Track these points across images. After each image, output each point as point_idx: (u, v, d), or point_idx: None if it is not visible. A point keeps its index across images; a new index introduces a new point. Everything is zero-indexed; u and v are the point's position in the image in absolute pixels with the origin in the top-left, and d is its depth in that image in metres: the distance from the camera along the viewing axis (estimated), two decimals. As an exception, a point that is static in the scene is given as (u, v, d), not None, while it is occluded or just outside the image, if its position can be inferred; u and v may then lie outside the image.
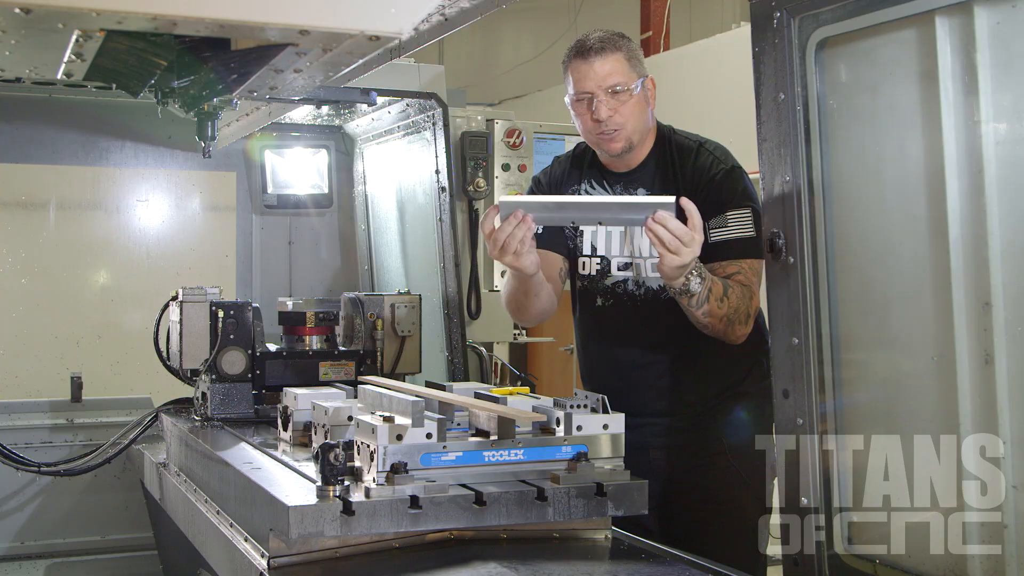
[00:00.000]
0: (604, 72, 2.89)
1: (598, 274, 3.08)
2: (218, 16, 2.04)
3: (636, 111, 2.93)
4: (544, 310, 3.07)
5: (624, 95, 2.90)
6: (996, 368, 1.84)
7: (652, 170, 3.02)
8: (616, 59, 2.89)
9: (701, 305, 2.74)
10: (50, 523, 4.37)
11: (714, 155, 2.97)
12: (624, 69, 2.90)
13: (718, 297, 2.76)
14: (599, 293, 3.09)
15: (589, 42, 2.91)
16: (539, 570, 2.27)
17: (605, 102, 2.90)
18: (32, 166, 4.70)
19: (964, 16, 1.86)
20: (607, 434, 2.52)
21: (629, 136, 2.95)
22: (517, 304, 3.02)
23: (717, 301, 2.77)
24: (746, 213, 2.88)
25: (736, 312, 2.80)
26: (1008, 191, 1.83)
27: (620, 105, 2.90)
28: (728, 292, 2.79)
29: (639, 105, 2.94)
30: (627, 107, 2.91)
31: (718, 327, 2.81)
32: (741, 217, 2.88)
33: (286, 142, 5.07)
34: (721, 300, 2.77)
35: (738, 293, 2.81)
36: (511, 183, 5.15)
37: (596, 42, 2.90)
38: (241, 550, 2.47)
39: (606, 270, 3.07)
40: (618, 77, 2.89)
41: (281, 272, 5.21)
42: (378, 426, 2.30)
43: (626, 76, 2.90)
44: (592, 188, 3.11)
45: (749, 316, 2.85)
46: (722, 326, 2.81)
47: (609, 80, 2.89)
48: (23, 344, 4.64)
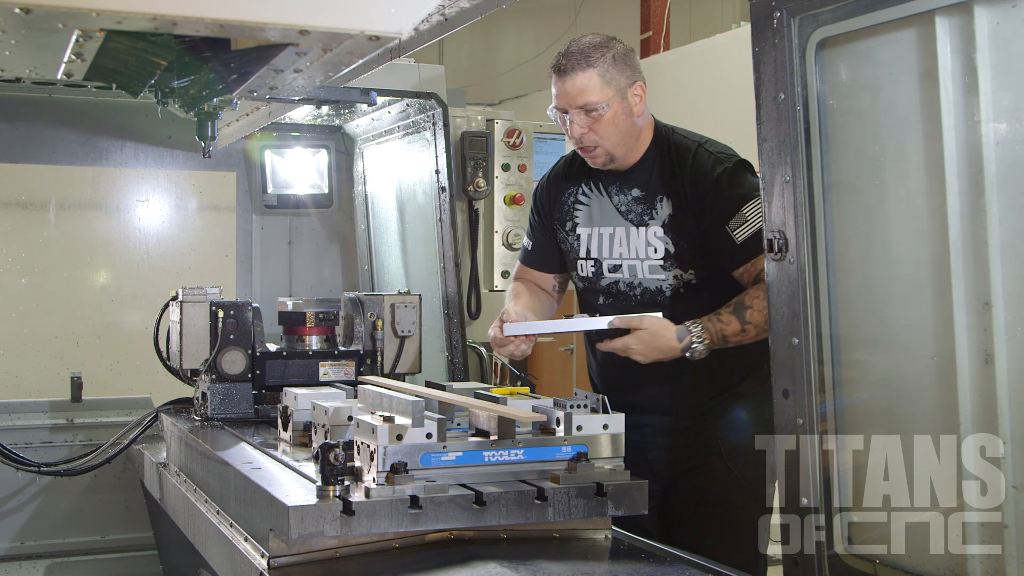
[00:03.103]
0: (575, 91, 2.88)
1: (594, 275, 3.10)
2: (218, 16, 2.04)
3: (611, 128, 2.91)
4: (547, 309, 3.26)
5: (596, 114, 2.88)
6: (996, 368, 1.84)
7: (648, 170, 3.01)
8: (587, 77, 2.87)
9: (724, 346, 2.84)
10: (50, 523, 4.37)
11: (714, 155, 2.95)
12: (596, 87, 2.87)
13: (736, 332, 2.83)
14: (599, 292, 3.11)
15: (564, 59, 2.90)
16: (539, 570, 2.27)
17: (577, 121, 2.90)
18: (32, 166, 4.70)
19: (964, 16, 1.86)
20: (607, 434, 2.52)
21: (608, 151, 2.95)
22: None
23: (738, 335, 2.83)
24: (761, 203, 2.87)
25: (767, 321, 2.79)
26: (1008, 191, 1.83)
27: (594, 123, 2.89)
28: (748, 317, 2.82)
29: (614, 121, 2.91)
30: (601, 125, 2.90)
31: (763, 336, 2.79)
32: (759, 208, 2.83)
33: (286, 142, 5.07)
34: (742, 331, 2.83)
35: (760, 306, 2.81)
36: (511, 183, 5.15)
37: (571, 59, 2.88)
38: (241, 550, 2.47)
39: (599, 271, 3.09)
40: (589, 96, 2.87)
41: (281, 272, 5.21)
42: (378, 426, 2.30)
43: (598, 95, 2.87)
44: (589, 190, 3.12)
45: None
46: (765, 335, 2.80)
47: (579, 100, 2.88)
48: (23, 344, 4.64)
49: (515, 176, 5.16)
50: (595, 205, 3.10)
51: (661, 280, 2.98)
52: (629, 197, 3.03)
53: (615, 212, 3.06)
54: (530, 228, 3.31)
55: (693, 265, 2.96)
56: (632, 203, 3.02)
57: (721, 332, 2.82)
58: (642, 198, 3.01)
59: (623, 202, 3.04)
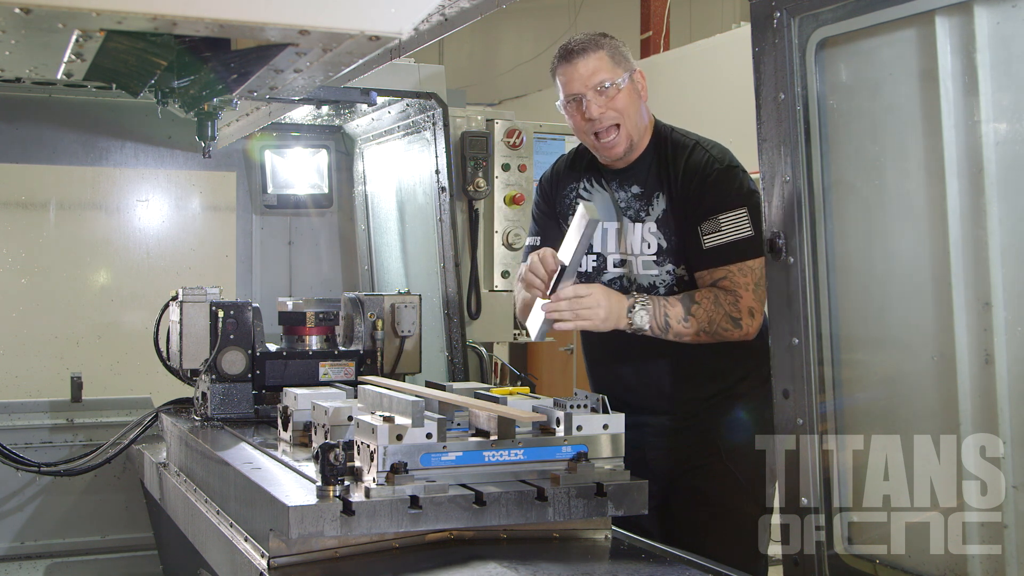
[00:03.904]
0: (589, 71, 2.93)
1: (594, 271, 3.11)
2: (218, 16, 2.04)
3: (628, 104, 2.96)
4: None
5: (612, 90, 2.93)
6: (996, 368, 1.84)
7: (647, 166, 3.03)
8: (599, 57, 2.93)
9: (664, 332, 2.87)
10: (50, 523, 4.37)
11: (710, 153, 2.97)
12: (608, 65, 2.93)
13: (679, 319, 2.86)
14: None
15: (571, 45, 2.97)
16: (539, 570, 2.27)
17: (594, 100, 2.93)
18: (32, 166, 4.70)
19: (964, 16, 1.86)
20: (607, 434, 2.52)
21: (629, 133, 2.98)
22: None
23: (680, 323, 2.87)
24: (741, 214, 2.89)
25: (711, 323, 2.87)
26: (1008, 191, 1.83)
27: (610, 100, 2.94)
28: (693, 310, 2.87)
29: (630, 98, 2.97)
30: (618, 101, 2.95)
31: (703, 339, 2.90)
32: (736, 219, 2.89)
33: (286, 142, 5.07)
34: (685, 320, 2.87)
35: (708, 306, 2.86)
36: (511, 183, 5.14)
37: (577, 44, 2.96)
38: (241, 550, 2.47)
39: (602, 267, 3.09)
40: (603, 74, 2.92)
41: (281, 272, 5.21)
42: (378, 426, 2.30)
43: (611, 72, 2.93)
44: (591, 185, 3.13)
45: (736, 318, 2.87)
46: (706, 338, 2.90)
47: (595, 78, 2.93)
48: (23, 344, 4.64)
49: (515, 176, 5.16)
50: (597, 200, 3.10)
51: (654, 276, 2.99)
52: (629, 193, 3.05)
53: (616, 208, 3.07)
54: (534, 224, 3.31)
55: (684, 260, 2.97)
56: (632, 199, 3.04)
57: (664, 311, 2.86)
58: (641, 195, 3.03)
59: (623, 198, 3.06)
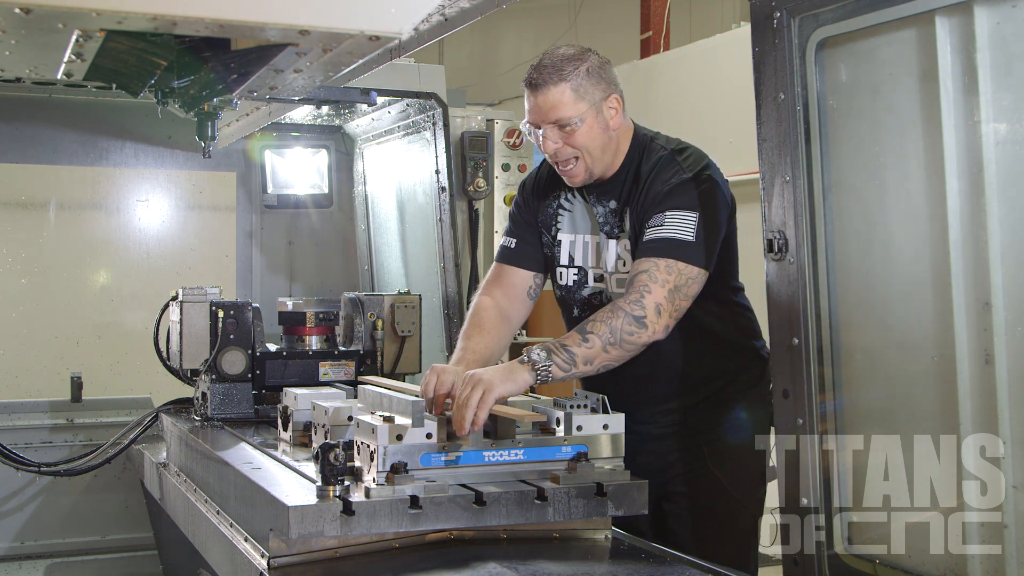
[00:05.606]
0: (548, 105, 2.79)
1: (575, 284, 3.03)
2: (218, 16, 2.04)
3: (589, 140, 2.83)
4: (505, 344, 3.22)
5: (570, 128, 2.80)
6: (996, 368, 1.84)
7: (622, 182, 2.92)
8: (559, 91, 2.78)
9: (571, 364, 2.63)
10: (50, 523, 4.38)
11: (681, 164, 2.83)
12: (569, 101, 2.78)
13: (577, 343, 2.64)
14: (575, 304, 3.03)
15: (536, 73, 2.82)
16: (539, 570, 2.27)
17: (551, 136, 2.82)
18: (32, 166, 4.71)
19: (964, 16, 1.86)
20: (607, 434, 2.52)
21: (588, 167, 2.86)
22: None
23: (579, 346, 2.64)
24: (690, 217, 2.74)
25: (614, 332, 2.65)
26: (1008, 191, 1.83)
27: (568, 136, 2.82)
28: (589, 328, 2.65)
29: (591, 133, 2.82)
30: (576, 138, 2.81)
31: (613, 353, 2.67)
32: (683, 220, 2.74)
33: (286, 142, 5.08)
34: (585, 340, 2.64)
35: (603, 317, 2.67)
36: (511, 183, 5.15)
37: (541, 74, 2.80)
38: (241, 550, 2.47)
39: (583, 281, 3.01)
40: (561, 111, 2.79)
41: (281, 272, 5.22)
42: (378, 426, 2.30)
43: (572, 108, 2.79)
44: (572, 196, 3.01)
45: (639, 316, 2.66)
46: (616, 352, 2.67)
47: (553, 114, 2.80)
48: (23, 344, 4.65)
49: (515, 176, 5.17)
50: (577, 212, 3.01)
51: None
52: (607, 208, 2.94)
53: (594, 222, 2.98)
54: (511, 226, 3.17)
55: None
56: (608, 215, 2.93)
57: (561, 343, 2.64)
58: (615, 210, 2.93)
59: (601, 213, 2.95)
